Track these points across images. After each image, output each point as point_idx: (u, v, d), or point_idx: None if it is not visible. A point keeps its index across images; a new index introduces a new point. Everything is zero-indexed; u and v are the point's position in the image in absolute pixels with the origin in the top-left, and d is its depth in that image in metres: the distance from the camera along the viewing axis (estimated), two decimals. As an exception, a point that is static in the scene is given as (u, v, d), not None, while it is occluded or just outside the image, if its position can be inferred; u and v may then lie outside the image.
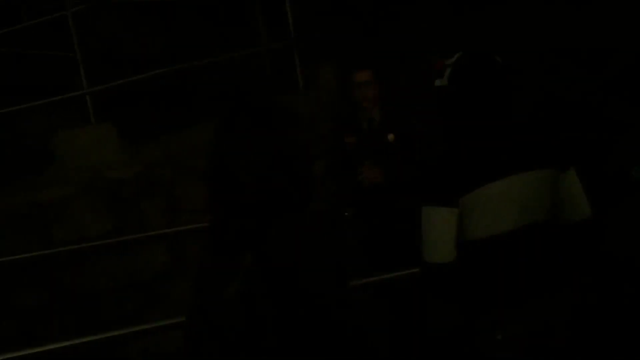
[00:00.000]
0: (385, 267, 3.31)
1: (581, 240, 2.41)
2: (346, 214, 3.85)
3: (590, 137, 4.03)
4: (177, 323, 2.75)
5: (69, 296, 4.11)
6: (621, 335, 3.10)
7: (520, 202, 2.26)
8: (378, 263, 3.61)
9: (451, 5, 5.05)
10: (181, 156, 4.21)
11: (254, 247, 2.34)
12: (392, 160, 3.68)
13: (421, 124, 3.75)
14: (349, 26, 4.83)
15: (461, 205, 2.25)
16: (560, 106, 4.47)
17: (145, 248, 4.14)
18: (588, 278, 2.48)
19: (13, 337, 3.99)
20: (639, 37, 4.40)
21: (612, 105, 4.41)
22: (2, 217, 4.09)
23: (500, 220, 2.25)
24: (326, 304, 2.42)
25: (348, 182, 3.78)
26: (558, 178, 2.32)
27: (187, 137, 4.26)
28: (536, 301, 2.28)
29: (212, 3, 5.43)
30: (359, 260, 3.71)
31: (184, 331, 2.51)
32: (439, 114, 2.41)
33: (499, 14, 4.83)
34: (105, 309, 4.11)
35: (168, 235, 4.13)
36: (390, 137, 3.73)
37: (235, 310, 2.32)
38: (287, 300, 2.29)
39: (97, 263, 4.12)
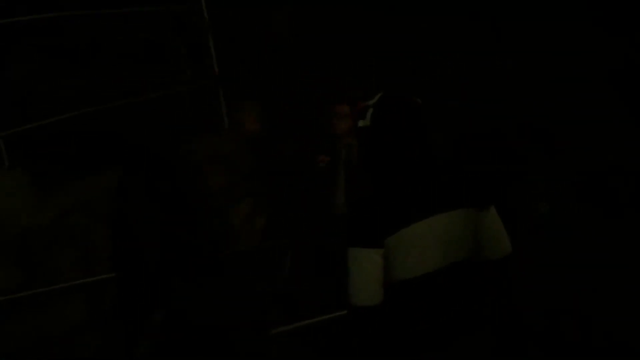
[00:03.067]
0: None
1: (503, 277, 2.41)
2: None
3: (500, 172, 4.16)
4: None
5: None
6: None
7: (443, 242, 2.27)
8: None
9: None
10: (96, 202, 4.01)
11: (162, 304, 2.15)
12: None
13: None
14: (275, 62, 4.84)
15: (386, 246, 2.23)
16: (475, 143, 4.59)
17: (60, 300, 3.89)
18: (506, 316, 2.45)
19: None
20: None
21: (519, 139, 4.59)
22: None
23: (424, 260, 2.25)
24: (244, 354, 2.22)
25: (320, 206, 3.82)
26: (479, 216, 2.33)
27: (102, 182, 4.07)
28: (461, 342, 2.28)
29: (134, 43, 5.33)
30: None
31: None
32: (363, 155, 2.43)
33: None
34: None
35: (85, 285, 3.89)
36: None
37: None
38: (202, 354, 2.12)
39: (7, 319, 3.85)
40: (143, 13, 4.70)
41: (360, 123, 2.40)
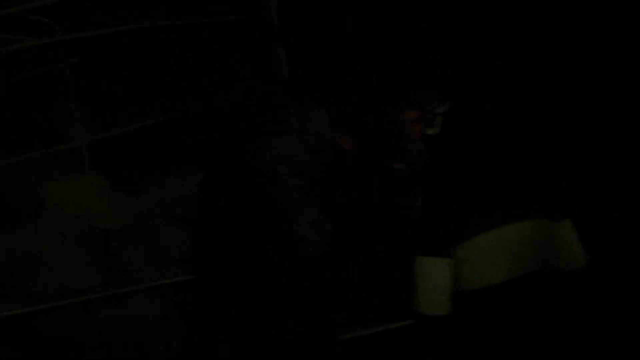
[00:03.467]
0: None
1: (575, 289, 2.46)
2: None
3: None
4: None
5: (53, 353, 3.88)
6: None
7: (514, 252, 2.26)
8: None
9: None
10: (173, 204, 4.08)
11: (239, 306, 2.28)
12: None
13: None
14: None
15: (456, 255, 2.24)
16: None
17: (135, 300, 3.97)
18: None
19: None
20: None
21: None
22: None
23: (495, 270, 2.25)
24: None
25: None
26: (553, 227, 2.33)
27: (179, 185, 4.13)
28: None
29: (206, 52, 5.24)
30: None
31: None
32: (431, 163, 2.45)
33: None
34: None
35: (160, 286, 3.98)
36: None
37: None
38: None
39: (85, 317, 3.91)
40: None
41: (429, 131, 2.45)
